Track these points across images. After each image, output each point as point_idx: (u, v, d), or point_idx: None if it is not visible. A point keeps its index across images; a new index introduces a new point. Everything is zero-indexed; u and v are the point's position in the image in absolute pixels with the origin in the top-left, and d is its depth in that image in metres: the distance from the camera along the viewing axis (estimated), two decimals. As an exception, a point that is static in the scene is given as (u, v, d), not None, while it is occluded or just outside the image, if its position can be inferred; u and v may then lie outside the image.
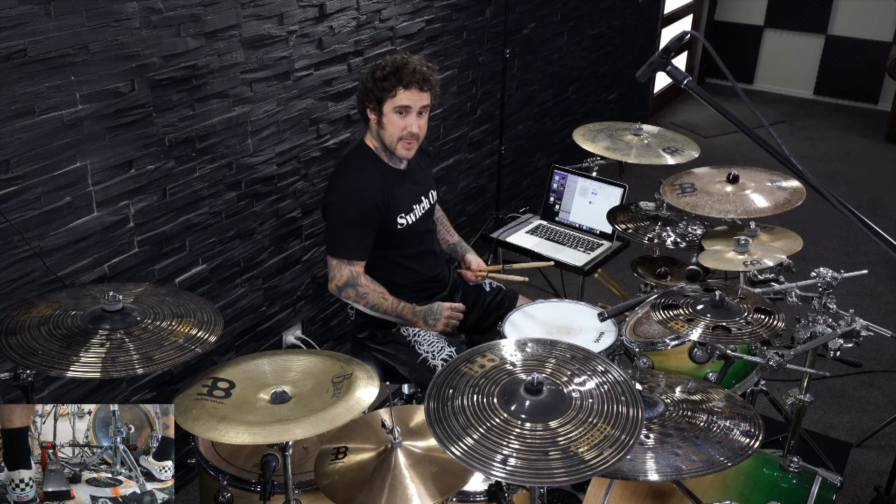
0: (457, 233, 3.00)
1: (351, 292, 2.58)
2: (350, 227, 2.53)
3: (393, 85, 2.48)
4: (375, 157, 2.61)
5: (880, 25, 6.85)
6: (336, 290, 2.59)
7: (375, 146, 2.61)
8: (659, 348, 2.22)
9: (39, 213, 2.25)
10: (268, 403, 1.92)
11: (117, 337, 1.85)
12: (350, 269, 2.55)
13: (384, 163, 2.61)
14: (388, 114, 2.52)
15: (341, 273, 2.56)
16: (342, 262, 2.55)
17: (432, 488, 1.81)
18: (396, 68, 2.49)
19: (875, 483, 3.02)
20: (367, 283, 2.58)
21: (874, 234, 1.66)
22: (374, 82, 2.50)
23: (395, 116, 2.52)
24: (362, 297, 2.58)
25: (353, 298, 2.59)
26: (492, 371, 1.77)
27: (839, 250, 4.78)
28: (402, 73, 2.48)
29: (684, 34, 1.88)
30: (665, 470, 1.75)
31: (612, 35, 5.49)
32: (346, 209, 2.53)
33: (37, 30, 2.11)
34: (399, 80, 2.48)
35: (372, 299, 2.58)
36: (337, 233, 2.56)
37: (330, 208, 2.58)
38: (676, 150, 3.29)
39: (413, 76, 2.49)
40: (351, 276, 2.56)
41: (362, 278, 2.57)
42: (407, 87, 2.49)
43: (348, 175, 2.58)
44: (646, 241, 3.03)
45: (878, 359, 3.77)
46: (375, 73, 2.51)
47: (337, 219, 2.56)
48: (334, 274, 2.57)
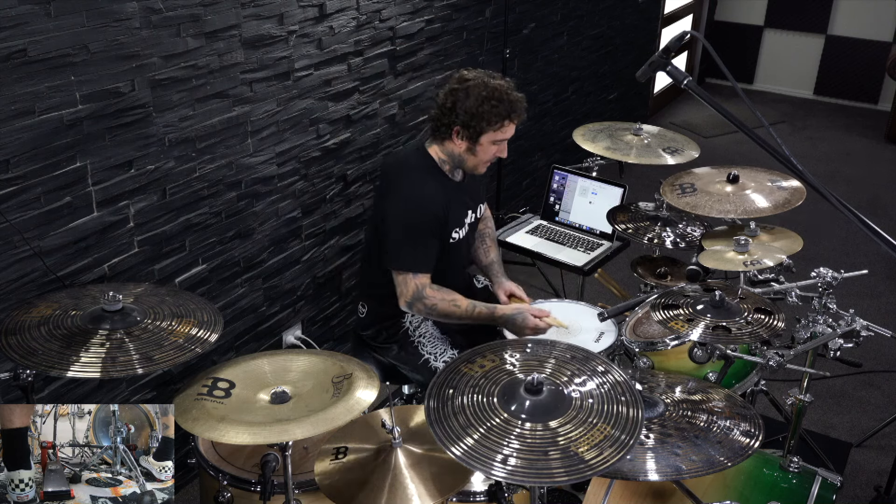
0: (494, 252, 2.88)
1: (419, 306, 2.47)
2: (416, 238, 2.44)
3: (502, 118, 2.39)
4: (437, 168, 2.51)
5: (880, 25, 6.85)
6: (406, 306, 2.49)
7: (440, 158, 2.51)
8: (659, 348, 2.22)
9: (39, 213, 2.25)
10: (268, 403, 1.92)
11: (117, 337, 1.86)
12: (416, 281, 2.45)
13: (445, 175, 2.53)
14: (484, 143, 2.43)
15: (408, 287, 2.45)
16: (408, 276, 2.45)
17: (432, 488, 1.81)
18: (508, 101, 2.39)
19: (875, 483, 3.02)
20: (434, 293, 2.47)
21: (874, 234, 1.66)
22: (480, 114, 2.37)
23: (491, 146, 2.45)
24: (431, 309, 2.47)
25: (423, 312, 2.49)
26: (492, 371, 1.78)
27: (839, 250, 4.78)
28: (514, 108, 2.40)
29: (684, 34, 1.88)
30: (665, 470, 1.75)
31: (612, 35, 5.49)
32: (410, 221, 2.43)
33: (37, 30, 2.11)
34: (508, 115, 2.40)
35: (442, 309, 2.47)
36: (401, 245, 2.45)
37: (391, 219, 2.46)
38: (676, 150, 3.29)
39: (523, 111, 2.42)
40: (417, 290, 2.45)
41: (428, 290, 2.46)
42: (514, 121, 2.43)
43: (411, 185, 2.47)
44: (646, 241, 3.03)
45: (878, 359, 3.77)
46: (483, 106, 2.37)
47: (400, 231, 2.44)
48: (402, 290, 2.46)
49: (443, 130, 2.45)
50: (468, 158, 2.49)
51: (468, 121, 2.39)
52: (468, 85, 2.41)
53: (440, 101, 2.46)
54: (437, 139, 2.51)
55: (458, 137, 2.44)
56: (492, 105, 2.38)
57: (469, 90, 2.39)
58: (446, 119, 2.43)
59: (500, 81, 2.43)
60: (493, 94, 2.39)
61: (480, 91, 2.39)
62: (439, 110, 2.45)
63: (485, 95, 2.38)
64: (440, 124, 2.45)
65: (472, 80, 2.42)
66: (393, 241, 2.47)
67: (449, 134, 2.45)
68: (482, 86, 2.39)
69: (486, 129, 2.41)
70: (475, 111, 2.38)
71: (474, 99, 2.38)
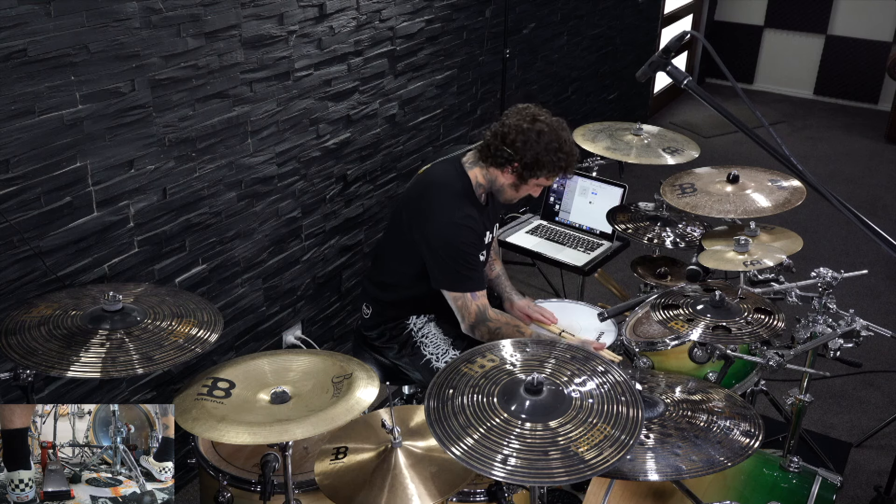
0: (499, 265, 2.89)
1: (483, 329, 2.45)
2: (467, 260, 2.43)
3: (560, 171, 2.43)
4: (472, 192, 2.49)
5: (880, 25, 6.85)
6: (469, 329, 2.48)
7: (477, 182, 2.49)
8: (659, 348, 2.22)
9: (39, 213, 2.25)
10: (268, 403, 1.92)
11: (117, 337, 1.86)
12: (476, 303, 2.44)
13: (477, 199, 2.52)
14: (530, 184, 2.46)
15: (469, 309, 2.44)
16: (466, 297, 2.44)
17: (432, 488, 1.81)
18: (571, 157, 2.42)
19: (875, 483, 3.02)
20: (497, 316, 2.48)
21: (874, 234, 1.66)
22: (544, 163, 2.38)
23: (535, 188, 2.48)
24: (494, 333, 2.45)
25: (486, 335, 2.46)
26: (492, 371, 1.78)
27: (839, 250, 4.78)
28: (572, 164, 2.43)
29: (684, 34, 1.88)
30: (665, 470, 1.75)
31: (612, 35, 5.49)
32: (460, 243, 2.42)
33: (37, 30, 2.11)
34: (566, 168, 2.43)
35: (506, 333, 2.45)
36: (455, 268, 2.43)
37: (439, 243, 2.43)
38: (676, 150, 3.29)
39: (574, 166, 2.45)
40: (479, 311, 2.44)
41: (490, 312, 2.46)
42: (567, 173, 2.46)
43: (454, 207, 2.44)
44: (645, 241, 3.03)
45: (878, 359, 3.77)
46: (550, 156, 2.38)
47: (452, 253, 2.42)
48: (463, 314, 2.46)
49: (499, 161, 2.43)
50: (508, 191, 2.49)
51: (531, 164, 2.39)
52: (540, 129, 2.39)
53: (506, 134, 2.41)
54: (485, 164, 2.48)
55: (509, 174, 2.45)
56: (558, 158, 2.40)
57: (541, 136, 2.39)
58: (508, 153, 2.40)
59: (567, 134, 2.44)
60: (562, 147, 2.40)
61: (552, 142, 2.39)
62: (502, 141, 2.41)
63: (555, 147, 2.39)
64: (499, 154, 2.41)
65: (544, 124, 2.41)
66: (445, 266, 2.44)
67: (504, 166, 2.44)
68: (554, 135, 2.40)
69: (541, 175, 2.43)
70: (542, 159, 2.39)
71: (544, 147, 2.38)
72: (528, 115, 2.43)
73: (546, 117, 2.44)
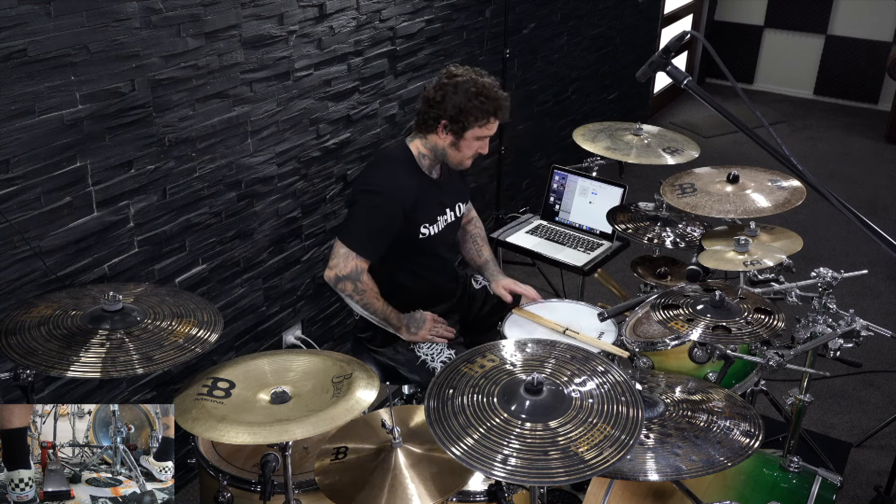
0: (487, 251, 2.93)
1: (349, 286, 2.51)
2: (374, 223, 2.49)
3: (488, 115, 2.45)
4: (414, 163, 2.55)
5: (880, 25, 6.85)
6: (334, 278, 2.51)
7: (419, 153, 2.56)
8: (659, 348, 2.22)
9: (39, 213, 2.25)
10: (268, 403, 1.92)
11: (117, 337, 1.85)
12: (357, 262, 2.49)
13: (421, 171, 2.57)
14: (468, 139, 2.48)
15: (346, 263, 2.48)
16: (351, 254, 2.48)
17: (432, 488, 1.81)
18: (495, 99, 2.44)
19: (875, 483, 3.02)
20: (368, 281, 2.54)
21: (874, 234, 1.66)
22: (468, 109, 2.42)
23: (474, 142, 2.50)
24: (360, 293, 2.52)
25: (349, 293, 2.53)
26: (492, 371, 1.78)
27: (839, 250, 4.78)
28: (500, 106, 2.45)
29: (684, 34, 1.88)
30: (665, 470, 1.75)
31: (612, 35, 5.49)
32: (377, 205, 2.48)
33: (37, 30, 2.11)
34: (494, 112, 2.45)
35: (368, 298, 2.53)
36: (359, 223, 2.50)
37: (361, 198, 2.50)
38: (676, 150, 3.29)
39: (507, 110, 2.47)
40: (355, 270, 2.49)
41: (365, 276, 2.52)
42: (499, 118, 2.47)
43: (387, 173, 2.53)
44: (645, 241, 3.03)
45: (878, 359, 3.77)
46: (471, 102, 2.42)
47: (364, 210, 2.49)
48: (338, 262, 2.49)
49: (429, 123, 2.50)
50: (452, 153, 2.53)
51: (456, 115, 2.44)
52: (457, 81, 2.46)
53: (429, 96, 2.50)
54: (421, 132, 2.56)
55: (443, 131, 2.49)
56: (480, 101, 2.44)
57: (458, 86, 2.45)
58: (434, 112, 2.48)
59: (487, 79, 2.48)
60: (481, 90, 2.44)
61: (469, 87, 2.44)
62: (427, 104, 2.51)
63: (473, 92, 2.44)
64: (427, 117, 2.51)
65: (461, 76, 2.47)
66: (352, 218, 2.52)
67: (435, 127, 2.49)
68: (471, 82, 2.45)
69: (472, 125, 2.46)
70: (463, 106, 2.43)
71: (463, 94, 2.44)
72: (445, 73, 2.51)
73: (462, 70, 2.50)
